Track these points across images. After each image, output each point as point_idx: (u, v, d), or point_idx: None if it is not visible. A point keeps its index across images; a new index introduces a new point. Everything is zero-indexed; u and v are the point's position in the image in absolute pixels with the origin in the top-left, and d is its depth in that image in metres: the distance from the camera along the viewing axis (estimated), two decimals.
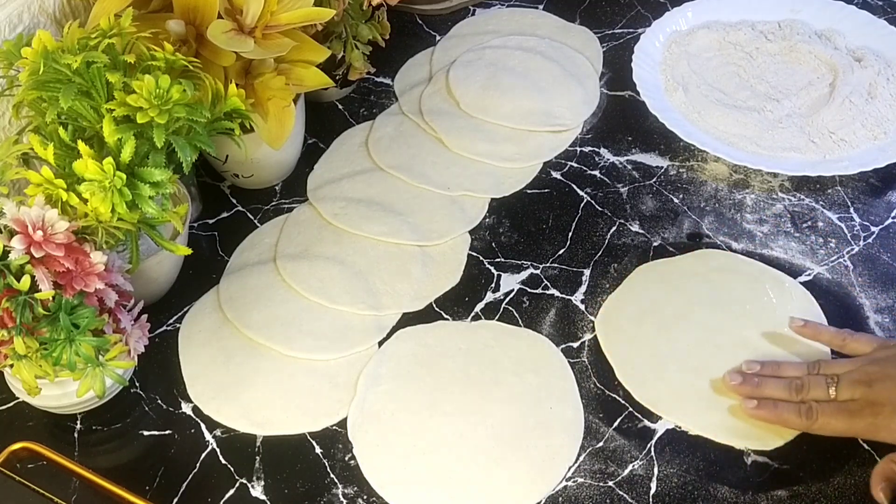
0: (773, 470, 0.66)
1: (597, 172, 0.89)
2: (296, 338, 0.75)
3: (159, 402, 0.72)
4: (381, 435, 0.69)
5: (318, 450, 0.69)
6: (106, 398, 0.70)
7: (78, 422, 0.71)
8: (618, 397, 0.71)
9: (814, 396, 0.65)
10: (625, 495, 0.65)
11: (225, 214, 0.87)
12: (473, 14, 1.08)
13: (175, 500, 0.66)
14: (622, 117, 0.94)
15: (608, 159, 0.90)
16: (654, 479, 0.66)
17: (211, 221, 0.86)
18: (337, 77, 0.93)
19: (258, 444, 0.69)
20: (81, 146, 0.60)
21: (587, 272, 0.80)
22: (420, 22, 1.08)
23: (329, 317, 0.77)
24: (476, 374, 0.72)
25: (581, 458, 0.67)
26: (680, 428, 0.69)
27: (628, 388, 0.71)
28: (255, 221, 0.86)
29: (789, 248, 0.81)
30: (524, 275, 0.80)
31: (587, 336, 0.75)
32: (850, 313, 0.76)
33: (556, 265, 0.81)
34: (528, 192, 0.87)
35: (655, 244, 0.82)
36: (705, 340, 0.73)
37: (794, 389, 0.66)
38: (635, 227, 0.84)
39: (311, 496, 0.66)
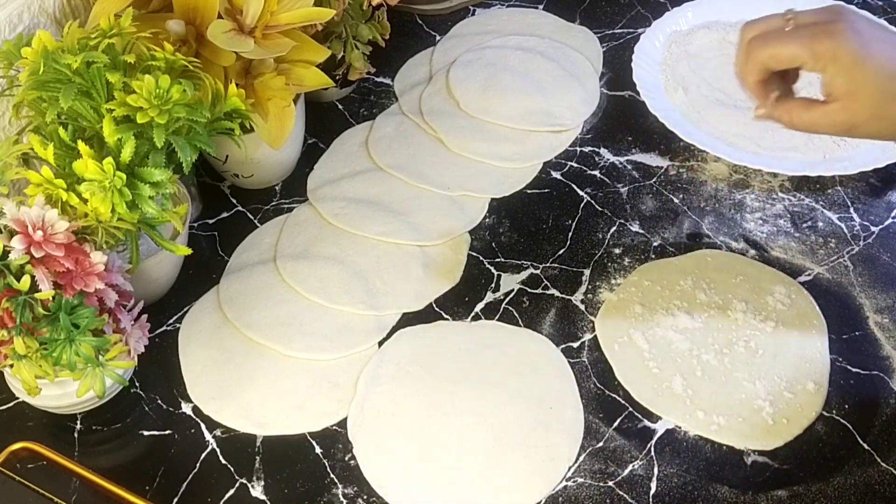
0: (773, 470, 0.66)
1: (597, 172, 0.89)
2: (296, 338, 0.75)
3: (159, 402, 0.72)
4: (381, 435, 0.69)
5: (318, 450, 0.69)
6: (106, 398, 0.70)
7: (78, 422, 0.71)
8: (618, 397, 0.71)
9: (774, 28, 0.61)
10: (625, 495, 0.65)
11: (225, 214, 0.87)
12: (473, 14, 1.08)
13: (175, 500, 0.66)
14: (622, 117, 0.94)
15: (608, 159, 0.90)
16: (654, 479, 0.66)
17: (211, 221, 0.86)
18: (337, 77, 0.93)
19: (258, 444, 0.69)
20: (81, 146, 0.60)
21: (587, 272, 0.80)
22: (420, 22, 1.08)
23: (329, 317, 0.77)
24: (476, 374, 0.72)
25: (581, 458, 0.67)
26: (680, 428, 0.69)
27: (628, 388, 0.71)
28: (255, 221, 0.86)
29: (789, 248, 0.81)
30: (524, 275, 0.80)
31: (587, 336, 0.75)
32: (850, 313, 0.76)
33: (556, 265, 0.81)
34: (528, 192, 0.87)
35: (655, 244, 0.82)
36: (703, 341, 0.73)
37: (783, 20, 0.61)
38: (635, 227, 0.84)
39: (311, 496, 0.66)
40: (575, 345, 0.75)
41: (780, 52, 0.59)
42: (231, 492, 0.67)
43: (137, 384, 0.73)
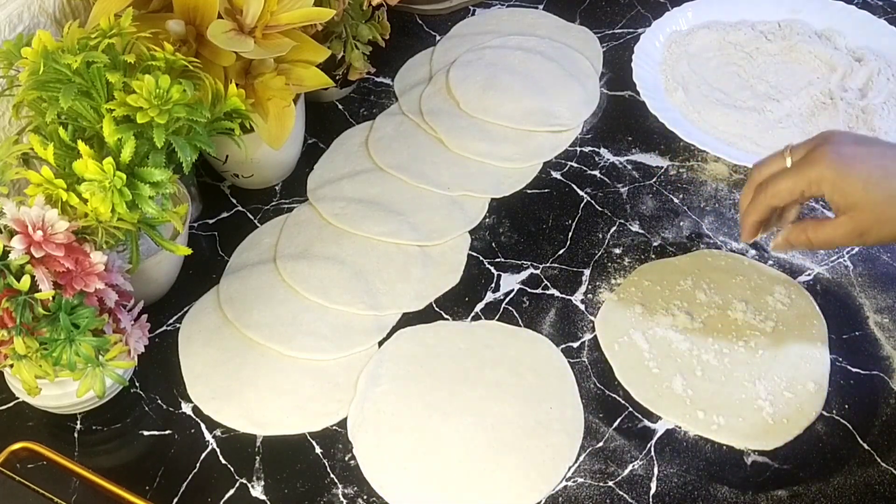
0: (773, 470, 0.66)
1: (597, 172, 0.89)
2: (296, 338, 0.75)
3: (159, 402, 0.72)
4: (381, 435, 0.69)
5: (318, 450, 0.69)
6: (106, 398, 0.70)
7: (78, 422, 0.71)
8: (618, 397, 0.71)
9: (770, 171, 0.66)
10: (625, 495, 0.65)
11: (225, 214, 0.87)
12: (473, 14, 1.08)
13: (175, 500, 0.66)
14: (622, 117, 0.94)
15: (608, 159, 0.90)
16: (654, 479, 0.66)
17: (211, 221, 0.86)
18: (337, 77, 0.93)
19: (258, 444, 0.69)
20: (81, 146, 0.60)
21: (587, 272, 0.80)
22: (420, 22, 1.08)
23: (329, 317, 0.77)
24: (476, 374, 0.72)
25: (581, 458, 0.67)
26: (680, 428, 0.69)
27: (628, 388, 0.71)
28: (255, 221, 0.86)
29: None
30: (524, 275, 0.80)
31: (587, 336, 0.75)
32: (850, 313, 0.76)
33: (556, 265, 0.81)
34: (528, 192, 0.87)
35: (655, 244, 0.82)
36: (703, 341, 0.73)
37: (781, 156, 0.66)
38: (635, 227, 0.84)
39: (311, 496, 0.66)
40: (575, 345, 0.75)
41: (781, 189, 0.64)
42: (231, 492, 0.67)
43: (137, 384, 0.73)
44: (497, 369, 0.73)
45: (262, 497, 0.66)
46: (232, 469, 0.68)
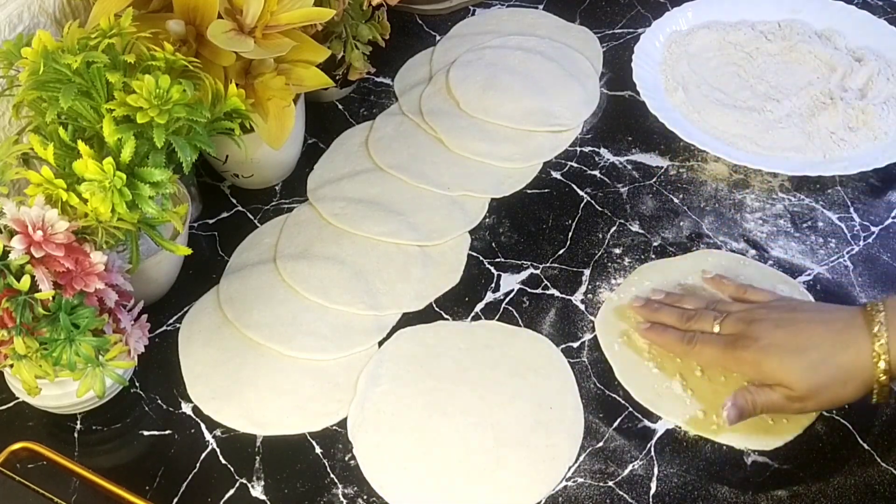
0: (773, 470, 0.66)
1: (597, 172, 0.89)
2: (296, 338, 0.75)
3: (159, 402, 0.72)
4: (381, 435, 0.69)
5: (318, 450, 0.69)
6: (106, 398, 0.70)
7: (78, 422, 0.71)
8: (618, 397, 0.71)
9: (700, 327, 0.70)
10: (625, 495, 0.65)
11: (225, 214, 0.87)
12: (473, 14, 1.08)
13: (175, 500, 0.66)
14: (622, 117, 0.94)
15: (608, 159, 0.90)
16: (654, 479, 0.66)
17: (211, 221, 0.86)
18: (337, 77, 0.93)
19: (258, 444, 0.69)
20: (81, 146, 0.60)
21: (587, 272, 0.80)
22: (420, 22, 1.08)
23: (329, 317, 0.77)
24: (476, 374, 0.72)
25: (581, 458, 0.67)
26: (680, 428, 0.69)
27: (628, 388, 0.71)
28: (255, 221, 0.86)
29: (789, 248, 0.81)
30: (524, 275, 0.80)
31: (587, 336, 0.75)
32: None
33: (556, 265, 0.81)
34: (528, 192, 0.87)
35: (655, 244, 0.82)
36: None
37: (686, 318, 0.71)
38: (635, 227, 0.84)
39: (311, 496, 0.66)
40: (575, 345, 0.75)
41: (707, 354, 0.69)
42: (231, 492, 0.67)
43: (137, 384, 0.73)
44: (497, 369, 0.73)
45: (262, 497, 0.66)
46: (232, 469, 0.68)
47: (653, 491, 0.65)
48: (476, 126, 0.93)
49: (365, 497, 0.66)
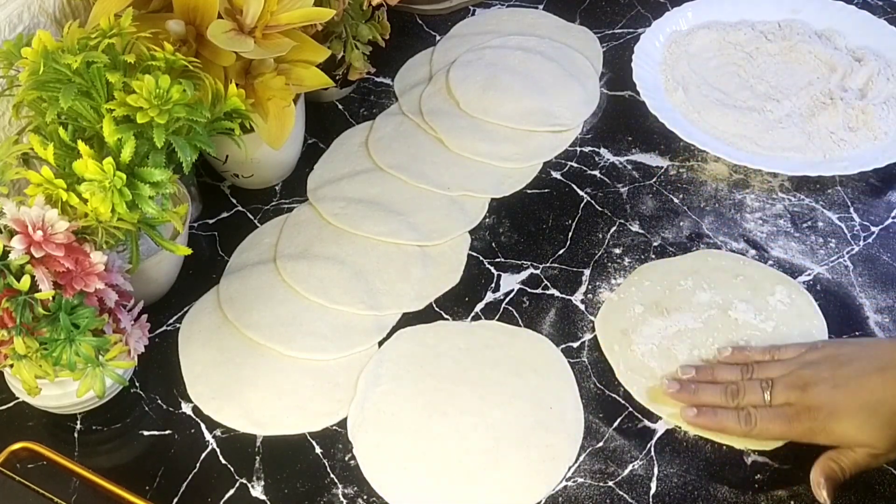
0: (773, 470, 0.66)
1: (597, 172, 0.89)
2: (296, 338, 0.75)
3: (159, 402, 0.72)
4: (381, 435, 0.69)
5: (318, 450, 0.69)
6: (106, 398, 0.70)
7: (78, 422, 0.71)
8: (618, 397, 0.71)
9: (750, 402, 0.66)
10: (625, 495, 0.65)
11: (225, 214, 0.87)
12: (473, 14, 1.08)
13: (175, 500, 0.66)
14: (622, 117, 0.94)
15: (608, 159, 0.90)
16: (654, 479, 0.66)
17: (211, 221, 0.86)
18: (337, 77, 0.93)
19: (258, 444, 0.69)
20: (81, 146, 0.60)
21: (587, 272, 0.80)
22: (420, 22, 1.08)
23: (329, 317, 0.77)
24: (476, 374, 0.72)
25: (581, 458, 0.67)
26: (680, 428, 0.69)
27: (628, 388, 0.71)
28: (255, 221, 0.86)
29: (789, 248, 0.81)
30: (524, 275, 0.80)
31: (587, 336, 0.75)
32: (850, 313, 0.76)
33: (556, 265, 0.81)
34: (528, 192, 0.87)
35: (655, 244, 0.82)
36: (703, 341, 0.73)
37: (731, 395, 0.67)
38: (635, 227, 0.84)
39: (311, 496, 0.66)
40: (575, 345, 0.75)
41: (770, 431, 0.66)
42: (231, 492, 0.67)
43: (137, 384, 0.73)
44: (497, 369, 0.73)
45: (262, 497, 0.66)
46: (232, 469, 0.68)
47: (653, 491, 0.65)
48: (476, 126, 0.93)
49: (365, 497, 0.66)
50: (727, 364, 0.70)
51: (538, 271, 0.80)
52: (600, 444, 0.68)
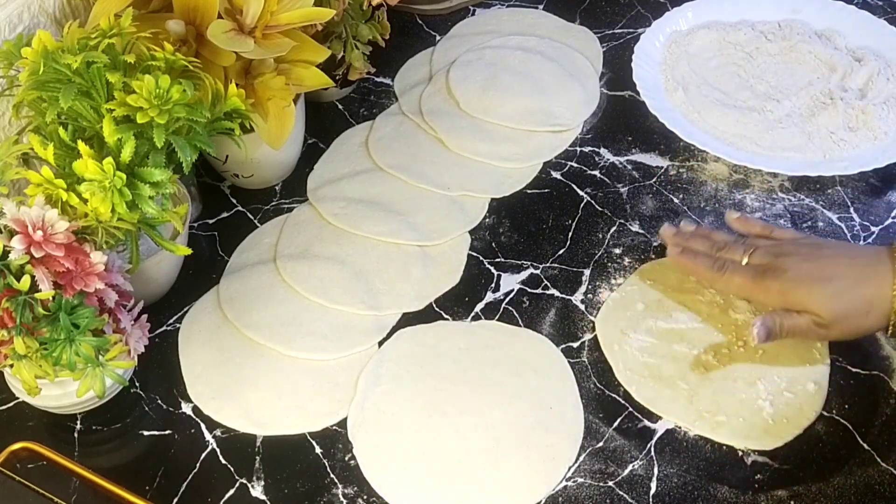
0: (773, 470, 0.66)
1: (597, 172, 0.89)
2: (296, 338, 0.75)
3: (159, 402, 0.72)
4: (381, 435, 0.69)
5: (318, 450, 0.69)
6: (106, 398, 0.70)
7: (78, 422, 0.71)
8: (618, 397, 0.71)
9: (730, 257, 0.72)
10: (625, 495, 0.65)
11: (225, 214, 0.87)
12: (473, 14, 1.08)
13: (175, 500, 0.66)
14: (622, 117, 0.94)
15: (608, 159, 0.90)
16: (654, 479, 0.66)
17: (211, 221, 0.86)
18: (337, 77, 0.93)
19: (258, 444, 0.69)
20: (81, 146, 0.60)
21: (587, 272, 0.80)
22: (420, 22, 1.08)
23: (329, 317, 0.77)
24: (476, 374, 0.72)
25: (581, 458, 0.67)
26: (680, 428, 0.69)
27: (628, 388, 0.71)
28: (255, 221, 0.86)
29: None
30: (524, 275, 0.80)
31: (587, 336, 0.75)
32: None
33: (556, 265, 0.81)
34: (528, 192, 0.87)
35: (655, 244, 0.82)
36: (703, 341, 0.73)
37: (716, 248, 0.73)
38: (635, 227, 0.84)
39: (311, 496, 0.66)
40: (575, 345, 0.75)
41: (735, 282, 0.70)
42: (231, 492, 0.67)
43: (137, 384, 0.73)
44: (497, 369, 0.73)
45: (262, 497, 0.66)
46: (232, 469, 0.68)
47: (653, 491, 0.65)
48: (476, 126, 0.93)
49: (365, 497, 0.66)
50: (724, 231, 0.76)
51: (538, 271, 0.80)
52: (600, 444, 0.68)
